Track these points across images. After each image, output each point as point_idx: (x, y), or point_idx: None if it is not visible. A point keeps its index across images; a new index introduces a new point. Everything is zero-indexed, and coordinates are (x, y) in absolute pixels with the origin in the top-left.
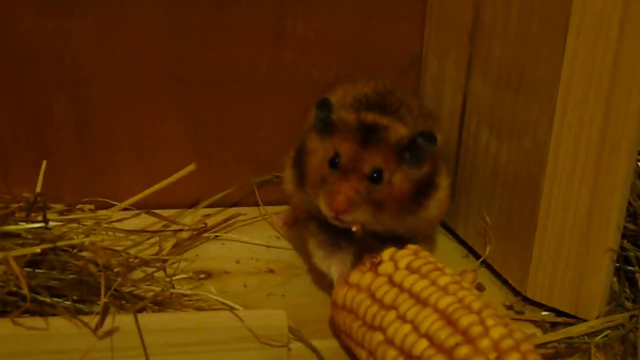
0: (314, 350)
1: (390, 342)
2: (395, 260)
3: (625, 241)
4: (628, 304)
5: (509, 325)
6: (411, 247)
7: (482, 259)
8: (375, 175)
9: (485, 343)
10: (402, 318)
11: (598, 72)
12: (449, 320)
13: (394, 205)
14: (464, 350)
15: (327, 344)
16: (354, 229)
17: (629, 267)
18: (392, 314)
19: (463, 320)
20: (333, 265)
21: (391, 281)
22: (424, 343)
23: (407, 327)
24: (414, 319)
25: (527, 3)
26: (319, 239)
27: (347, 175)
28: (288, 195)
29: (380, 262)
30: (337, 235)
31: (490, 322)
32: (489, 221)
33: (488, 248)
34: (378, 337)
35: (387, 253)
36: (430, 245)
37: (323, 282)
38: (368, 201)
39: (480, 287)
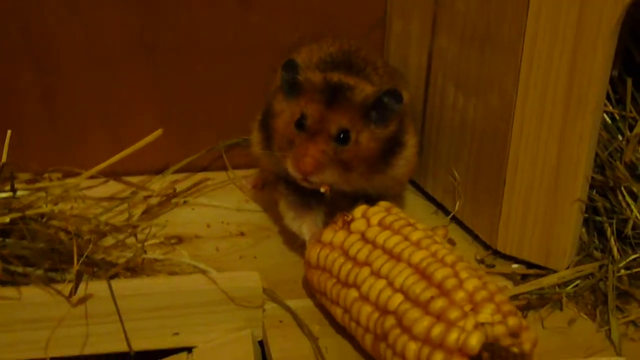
0: (288, 310)
1: (365, 298)
2: (368, 217)
3: (593, 192)
4: (597, 254)
5: (482, 278)
6: (383, 204)
7: (451, 214)
8: (342, 135)
9: (460, 295)
10: (376, 274)
11: (563, 25)
12: (423, 275)
13: (361, 165)
14: (439, 303)
15: (301, 304)
16: (322, 189)
17: (597, 218)
18: (366, 271)
19: (437, 274)
20: (304, 225)
21: (364, 238)
22: (399, 298)
23: (381, 283)
24: (388, 275)
25: None
26: (289, 200)
27: (314, 136)
28: (256, 158)
29: (352, 220)
30: (307, 196)
31: (464, 274)
32: (458, 177)
33: (457, 204)
34: (353, 293)
35: (359, 210)
36: (400, 203)
37: (294, 243)
38: (335, 162)
39: (451, 242)
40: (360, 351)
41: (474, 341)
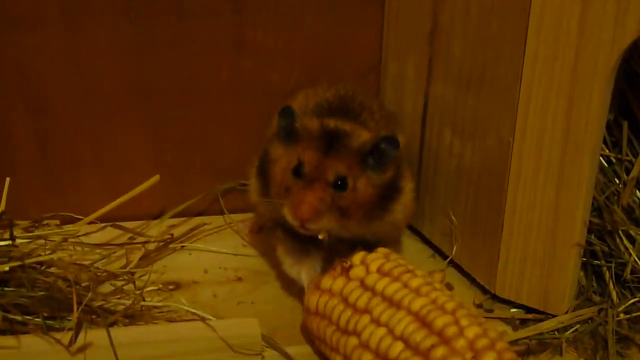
0: (287, 357)
1: (365, 346)
2: (367, 264)
3: (591, 236)
4: (596, 298)
5: (483, 325)
6: (382, 250)
7: (449, 258)
8: (339, 182)
9: (461, 343)
10: (376, 321)
11: (559, 70)
12: (424, 322)
13: (359, 211)
14: (440, 351)
15: (300, 350)
16: (320, 236)
17: (596, 261)
18: (366, 318)
19: (438, 322)
20: (303, 271)
21: (363, 285)
22: (399, 346)
23: (382, 331)
24: (388, 322)
25: (486, 3)
26: (287, 245)
27: (312, 184)
28: (254, 205)
29: (351, 267)
30: (305, 242)
31: (464, 322)
32: (455, 221)
33: (455, 247)
34: (353, 341)
35: (357, 257)
36: (398, 248)
37: (292, 288)
38: (333, 209)
39: (449, 287)
40: None
41: None
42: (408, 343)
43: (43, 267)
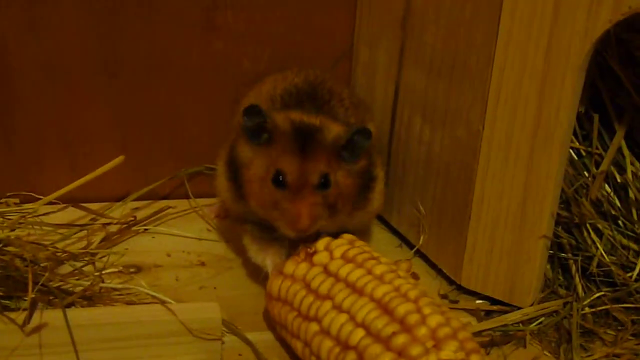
0: (248, 343)
1: (326, 332)
2: (331, 250)
3: (559, 228)
4: (562, 291)
5: (446, 314)
6: (347, 236)
7: (415, 248)
8: (323, 181)
9: (422, 331)
10: (338, 308)
11: (531, 58)
12: (386, 309)
13: (346, 204)
14: (401, 339)
15: (261, 337)
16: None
17: (563, 254)
18: (327, 304)
19: (400, 309)
20: (268, 258)
21: (326, 271)
22: (360, 333)
23: (343, 317)
24: (350, 309)
25: None
26: (253, 233)
27: (299, 192)
28: (224, 203)
29: (315, 252)
30: (270, 229)
31: (427, 310)
32: (423, 210)
33: (422, 237)
34: (314, 327)
35: (322, 243)
36: (368, 236)
37: (256, 274)
38: (324, 208)
39: (414, 277)
40: None
41: None
42: (369, 330)
43: (0, 245)
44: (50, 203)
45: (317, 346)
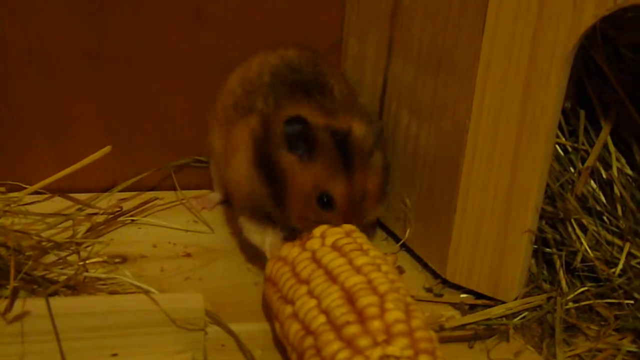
0: (231, 333)
1: (296, 315)
2: (324, 237)
3: (543, 223)
4: (546, 286)
5: (412, 312)
6: (347, 226)
7: (401, 242)
8: (363, 194)
9: (375, 325)
10: (310, 293)
11: (517, 52)
12: (350, 299)
13: (377, 204)
14: (352, 329)
15: (245, 328)
16: None
17: (547, 249)
18: (303, 289)
19: (362, 301)
20: (267, 239)
21: (314, 257)
22: (321, 319)
23: (312, 302)
24: (320, 295)
25: None
26: (252, 215)
27: (348, 212)
28: (240, 191)
29: (310, 238)
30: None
31: (389, 305)
32: (409, 204)
33: (408, 231)
34: (288, 310)
35: (319, 229)
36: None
37: (242, 266)
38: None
39: (400, 270)
40: None
41: None
42: (329, 317)
43: None
44: (37, 193)
45: (288, 328)
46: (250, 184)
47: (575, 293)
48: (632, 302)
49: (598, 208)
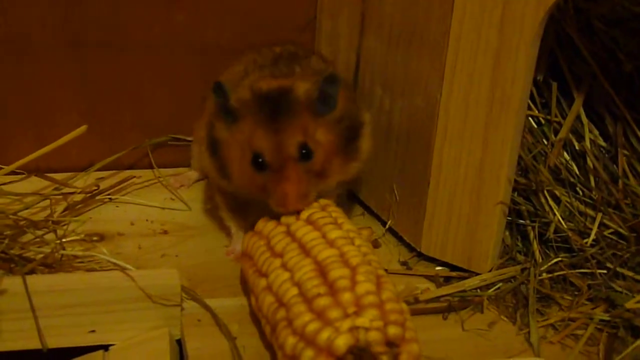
0: (207, 308)
1: (269, 288)
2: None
3: (516, 195)
4: (520, 257)
5: (383, 285)
6: (322, 201)
7: (387, 226)
8: (304, 152)
9: (346, 297)
10: (284, 266)
11: (486, 28)
12: (322, 272)
13: (335, 163)
14: (322, 301)
15: (221, 303)
16: None
17: (520, 221)
18: (277, 262)
19: (334, 273)
20: (234, 219)
21: (288, 231)
22: (293, 291)
23: (285, 275)
24: (292, 268)
25: None
26: (226, 197)
27: (282, 172)
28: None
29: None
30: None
31: (360, 277)
32: (396, 193)
33: (390, 222)
34: (262, 282)
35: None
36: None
37: (218, 242)
38: (312, 178)
39: (375, 244)
40: None
41: (341, 342)
42: (301, 289)
43: None
44: (14, 173)
45: (262, 300)
46: (211, 172)
47: (549, 264)
48: (604, 271)
49: (571, 179)
